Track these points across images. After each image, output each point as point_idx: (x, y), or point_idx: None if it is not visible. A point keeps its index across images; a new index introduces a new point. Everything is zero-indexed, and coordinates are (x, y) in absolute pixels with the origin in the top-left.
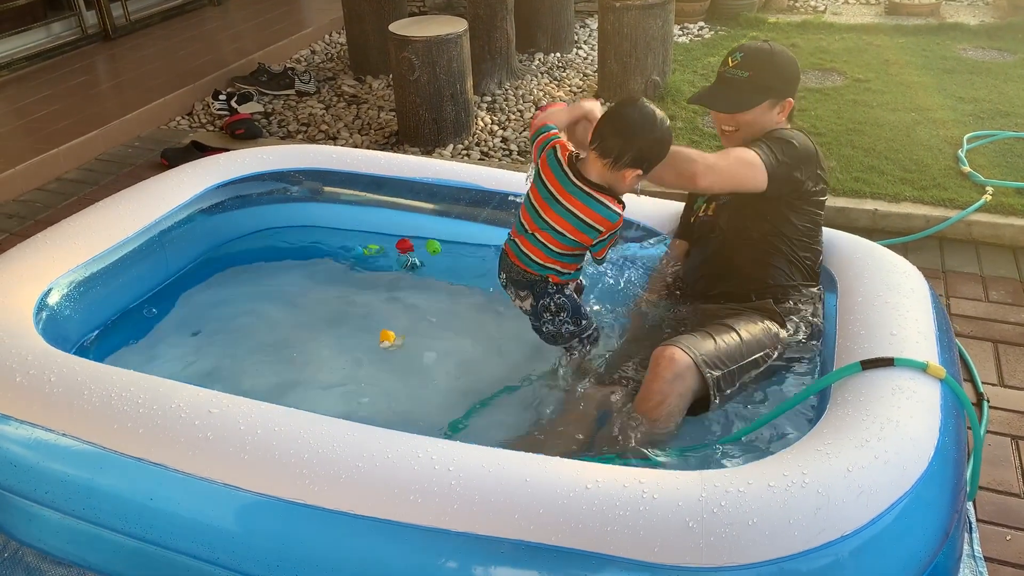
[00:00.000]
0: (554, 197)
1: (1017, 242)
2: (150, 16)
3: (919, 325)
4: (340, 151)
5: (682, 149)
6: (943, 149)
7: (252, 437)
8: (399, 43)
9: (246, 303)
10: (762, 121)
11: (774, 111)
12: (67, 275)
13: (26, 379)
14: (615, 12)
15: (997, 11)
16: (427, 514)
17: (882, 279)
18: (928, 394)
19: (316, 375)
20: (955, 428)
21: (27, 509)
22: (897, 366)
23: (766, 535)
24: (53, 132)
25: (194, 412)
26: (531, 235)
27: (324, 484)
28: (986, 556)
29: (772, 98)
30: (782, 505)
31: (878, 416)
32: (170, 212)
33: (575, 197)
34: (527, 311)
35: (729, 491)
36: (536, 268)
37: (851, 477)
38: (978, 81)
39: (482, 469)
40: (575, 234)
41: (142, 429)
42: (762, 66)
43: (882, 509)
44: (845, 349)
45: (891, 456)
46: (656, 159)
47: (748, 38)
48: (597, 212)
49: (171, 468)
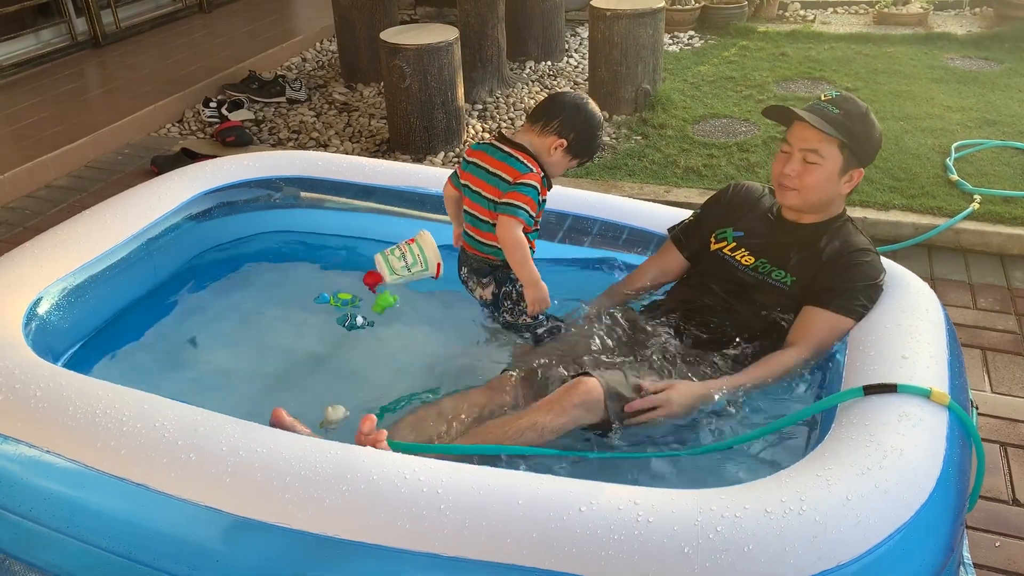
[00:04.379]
0: (479, 166)
1: (1005, 250)
2: (140, 23)
3: (931, 349)
4: (327, 157)
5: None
6: (931, 158)
7: (234, 458)
8: (390, 51)
9: (236, 310)
10: (828, 187)
11: (842, 179)
12: (57, 283)
13: (12, 393)
14: (605, 21)
15: (984, 21)
16: (416, 539)
17: (896, 300)
18: (934, 422)
19: (306, 385)
20: (959, 456)
21: (13, 522)
22: (900, 393)
23: (761, 563)
24: (43, 139)
25: (178, 431)
26: (471, 216)
27: (307, 507)
28: (975, 563)
29: (851, 152)
30: (779, 533)
31: (881, 443)
32: (159, 219)
33: (494, 157)
34: (488, 300)
35: (725, 516)
36: (489, 251)
37: (850, 506)
38: (966, 90)
39: (472, 491)
40: (486, 189)
41: (124, 449)
42: (856, 115)
43: (880, 539)
44: (853, 370)
45: (892, 485)
46: (584, 138)
47: (738, 47)
48: (508, 164)
49: (153, 488)
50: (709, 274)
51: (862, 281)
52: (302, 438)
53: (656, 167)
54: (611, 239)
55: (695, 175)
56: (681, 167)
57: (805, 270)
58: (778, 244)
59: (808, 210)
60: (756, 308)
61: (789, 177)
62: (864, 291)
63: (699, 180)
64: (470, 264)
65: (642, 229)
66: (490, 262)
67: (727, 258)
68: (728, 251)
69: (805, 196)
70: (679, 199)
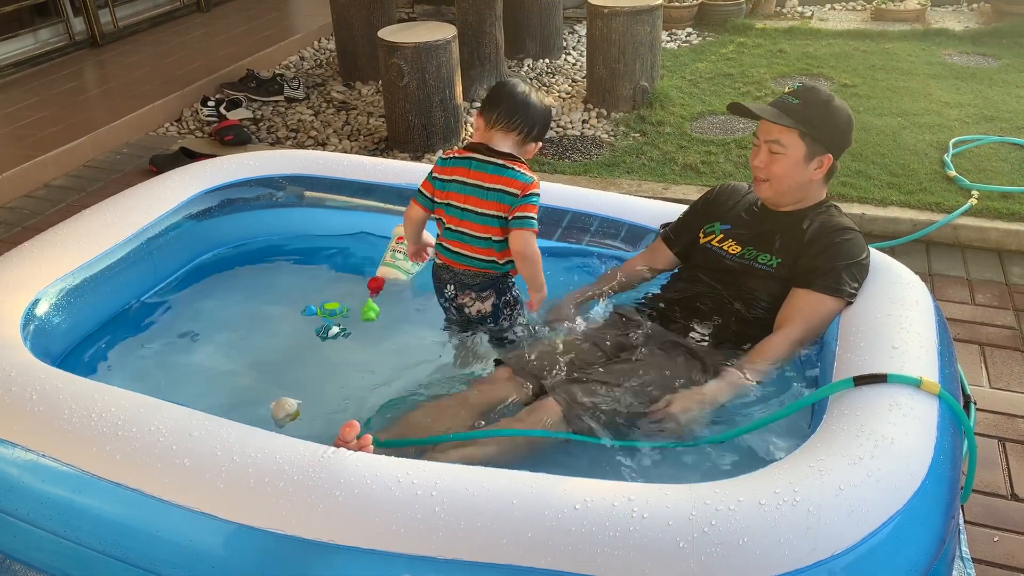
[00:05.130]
0: (464, 183)
1: (1002, 245)
2: (138, 23)
3: (921, 339)
4: (326, 156)
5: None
6: (929, 153)
7: (228, 464)
8: (388, 49)
9: (236, 309)
10: (795, 175)
11: (810, 165)
12: (55, 284)
13: (9, 396)
14: (603, 18)
15: (982, 17)
16: (411, 542)
17: (886, 291)
18: (925, 411)
19: (306, 384)
20: (950, 445)
21: (12, 524)
22: (891, 383)
23: (756, 555)
24: (41, 138)
25: (172, 436)
26: (458, 233)
27: (301, 513)
28: (974, 557)
29: (812, 139)
30: (773, 524)
31: (872, 433)
32: (158, 219)
33: (486, 172)
34: (487, 312)
35: (720, 509)
36: (486, 265)
37: (843, 495)
38: (963, 86)
39: (467, 492)
40: (485, 205)
41: (119, 455)
42: (815, 104)
43: (873, 528)
44: (844, 361)
45: (884, 474)
46: (546, 125)
47: (736, 44)
48: (509, 177)
49: (147, 493)
50: (699, 266)
51: (844, 260)
52: (296, 441)
53: (654, 164)
54: (610, 235)
55: (693, 172)
56: (679, 164)
57: (789, 252)
58: (763, 232)
59: (784, 199)
60: (744, 293)
61: (759, 168)
62: (847, 270)
63: (697, 177)
64: (460, 281)
65: (640, 225)
66: (489, 275)
67: (715, 249)
68: (716, 243)
69: (776, 186)
70: (677, 196)
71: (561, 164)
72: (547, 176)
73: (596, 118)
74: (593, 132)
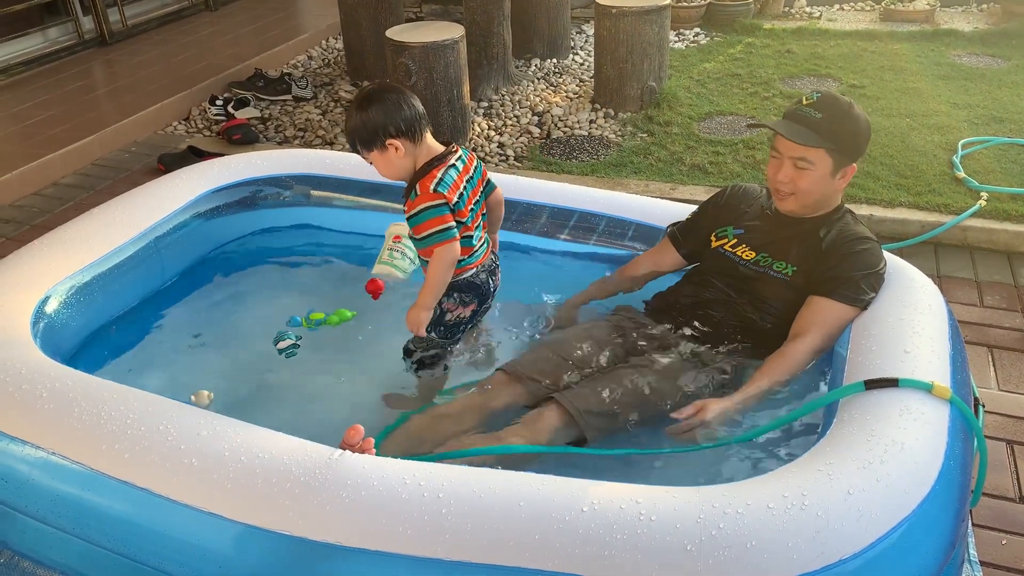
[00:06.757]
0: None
1: (1011, 247)
2: (147, 21)
3: (933, 344)
4: (333, 155)
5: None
6: (938, 155)
7: (236, 464)
8: (396, 49)
9: (244, 307)
10: (822, 187)
11: (836, 177)
12: (64, 282)
13: (20, 393)
14: (611, 18)
15: (991, 17)
16: (418, 544)
17: (898, 294)
18: (936, 416)
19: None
20: (961, 450)
21: (21, 521)
22: (902, 387)
23: (764, 559)
24: (50, 137)
25: (181, 435)
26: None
27: (309, 514)
28: (981, 560)
29: (840, 152)
30: (781, 528)
31: (883, 437)
32: (166, 217)
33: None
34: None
35: (727, 512)
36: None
37: (852, 500)
38: (972, 87)
39: (474, 495)
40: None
41: (128, 453)
42: (837, 115)
43: (882, 533)
44: (856, 365)
45: (893, 479)
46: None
47: (744, 44)
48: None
49: (156, 492)
50: (710, 271)
51: (863, 269)
52: (304, 443)
53: (662, 164)
54: (618, 235)
55: (701, 172)
56: (687, 164)
57: (806, 260)
58: (778, 238)
59: (807, 211)
60: (757, 300)
61: (783, 183)
62: (866, 279)
63: (705, 177)
64: (495, 280)
65: (648, 224)
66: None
67: (728, 254)
68: (729, 247)
69: (802, 199)
70: (685, 196)
71: (568, 164)
72: (554, 176)
73: (604, 118)
74: (600, 132)
